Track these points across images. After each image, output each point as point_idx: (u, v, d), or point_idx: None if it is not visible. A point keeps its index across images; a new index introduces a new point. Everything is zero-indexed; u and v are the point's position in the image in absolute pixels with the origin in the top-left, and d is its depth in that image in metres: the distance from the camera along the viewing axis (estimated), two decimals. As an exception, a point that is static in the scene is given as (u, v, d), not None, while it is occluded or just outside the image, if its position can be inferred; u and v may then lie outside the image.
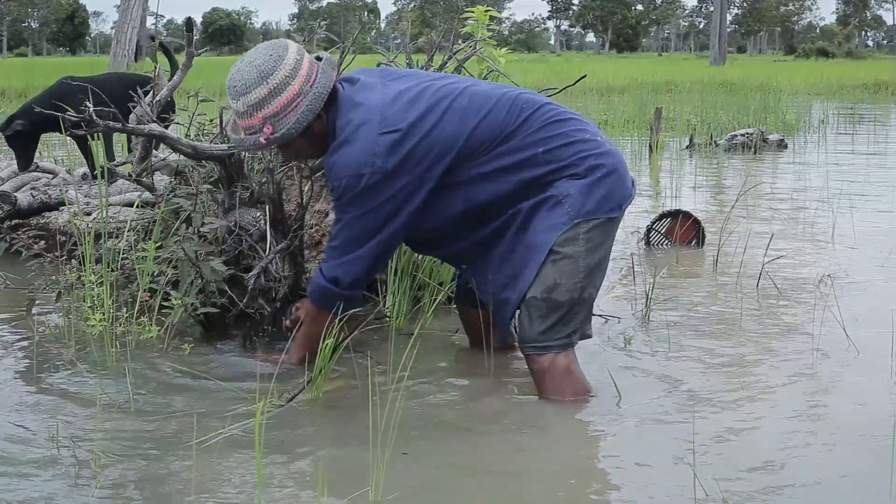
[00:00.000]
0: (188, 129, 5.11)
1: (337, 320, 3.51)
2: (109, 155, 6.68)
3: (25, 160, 6.45)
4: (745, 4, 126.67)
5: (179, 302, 4.13)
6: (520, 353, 3.91)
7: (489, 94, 3.58)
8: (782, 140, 13.41)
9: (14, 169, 6.75)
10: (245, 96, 3.42)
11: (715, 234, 6.51)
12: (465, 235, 3.72)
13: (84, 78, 6.71)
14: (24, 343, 4.35)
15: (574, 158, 3.57)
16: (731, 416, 3.53)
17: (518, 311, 3.65)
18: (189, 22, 4.99)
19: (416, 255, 4.53)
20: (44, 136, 6.99)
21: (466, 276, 4.01)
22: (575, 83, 5.70)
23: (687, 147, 12.85)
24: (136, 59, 33.55)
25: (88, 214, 5.55)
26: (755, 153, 12.57)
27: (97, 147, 6.52)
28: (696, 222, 6.60)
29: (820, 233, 7.00)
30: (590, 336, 3.79)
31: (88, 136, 5.61)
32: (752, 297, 5.16)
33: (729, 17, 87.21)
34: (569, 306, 3.58)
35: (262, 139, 3.48)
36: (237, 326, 4.24)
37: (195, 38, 5.13)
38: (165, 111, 6.14)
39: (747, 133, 13.22)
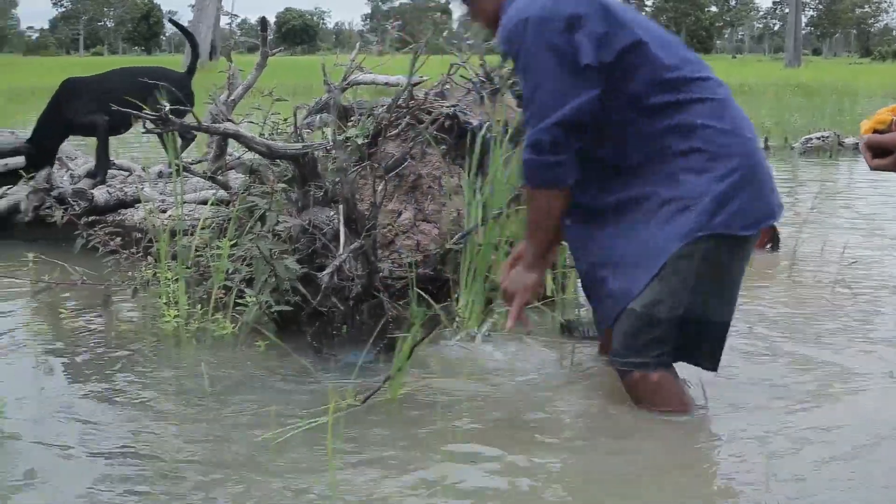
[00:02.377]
0: (262, 128, 5.14)
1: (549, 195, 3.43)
2: (102, 158, 6.75)
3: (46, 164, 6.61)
4: (820, 6, 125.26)
5: (253, 300, 4.15)
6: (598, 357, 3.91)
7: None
8: (859, 144, 13.23)
9: (89, 167, 6.83)
10: None
11: (790, 238, 6.44)
12: (591, 188, 3.51)
13: (87, 77, 6.83)
14: (101, 338, 4.40)
15: (722, 150, 3.36)
16: (807, 419, 3.49)
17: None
18: (263, 22, 5.04)
19: (489, 255, 4.51)
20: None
21: None
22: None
23: (762, 150, 12.71)
24: (210, 59, 33.86)
25: (164, 212, 5.60)
26: (831, 157, 12.43)
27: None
28: (772, 226, 6.53)
29: (897, 238, 6.91)
30: (709, 369, 3.56)
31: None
32: (828, 302, 5.10)
33: (804, 19, 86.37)
34: (667, 325, 3.37)
35: None
36: (310, 324, 4.26)
37: (269, 37, 5.17)
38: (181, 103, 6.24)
39: (823, 136, 13.06)
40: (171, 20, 8.20)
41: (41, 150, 6.70)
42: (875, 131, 2.51)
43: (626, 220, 3.44)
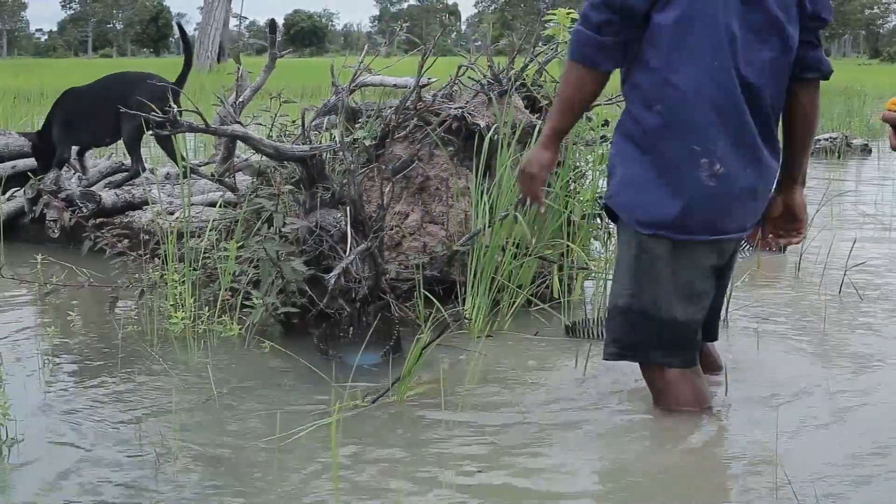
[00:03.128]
0: (270, 130, 5.14)
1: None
2: (80, 163, 6.76)
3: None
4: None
5: (260, 301, 4.16)
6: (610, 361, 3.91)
7: None
8: (866, 145, 13.22)
9: (100, 169, 6.85)
10: None
11: (797, 240, 6.43)
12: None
13: (86, 86, 6.87)
14: (108, 340, 4.40)
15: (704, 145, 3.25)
16: (813, 419, 3.49)
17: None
18: (272, 24, 5.03)
19: (496, 257, 4.52)
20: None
21: None
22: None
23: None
24: (218, 61, 33.90)
25: (171, 214, 5.61)
26: (839, 158, 12.41)
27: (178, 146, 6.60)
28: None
29: (905, 239, 6.90)
30: (690, 366, 3.49)
31: (172, 136, 5.69)
32: (834, 303, 5.09)
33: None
34: (613, 313, 3.44)
35: None
36: (317, 326, 4.26)
37: (277, 39, 5.17)
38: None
39: (831, 137, 13.05)
40: (178, 24, 8.19)
41: (46, 147, 6.73)
42: None
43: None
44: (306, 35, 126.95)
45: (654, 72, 3.25)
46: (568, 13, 5.53)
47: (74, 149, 6.94)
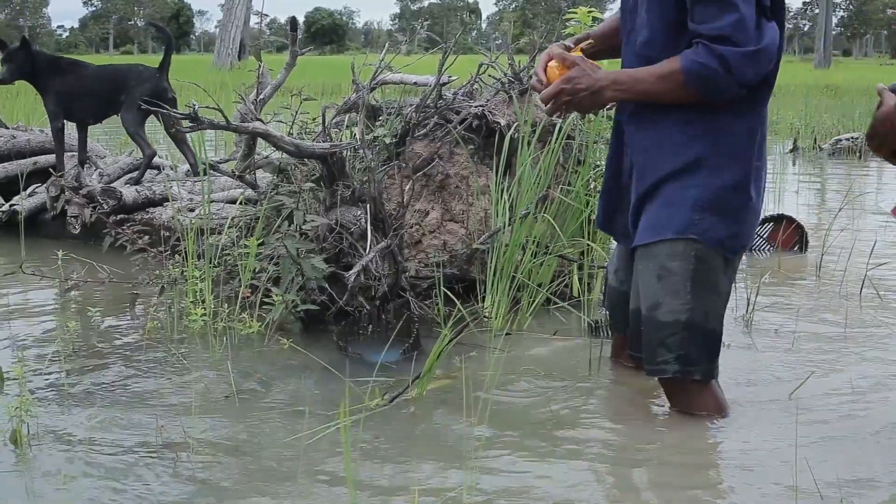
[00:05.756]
0: (291, 127, 5.15)
1: None
2: (59, 160, 6.78)
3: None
4: (850, 7, 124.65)
5: (280, 298, 4.16)
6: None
7: None
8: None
9: (121, 165, 6.87)
10: None
11: (818, 240, 6.42)
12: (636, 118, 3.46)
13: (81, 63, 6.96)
14: (127, 336, 4.41)
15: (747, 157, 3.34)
16: (835, 419, 3.48)
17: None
18: (293, 21, 5.04)
19: (516, 255, 4.51)
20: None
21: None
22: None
23: (790, 151, 12.67)
24: (239, 58, 33.97)
25: (192, 210, 5.61)
26: (860, 158, 12.36)
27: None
28: (800, 227, 6.51)
29: (927, 240, 6.86)
30: (714, 377, 3.47)
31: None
32: (855, 304, 5.07)
33: (834, 20, 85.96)
34: (672, 329, 3.35)
35: None
36: (336, 323, 4.26)
37: (298, 37, 5.18)
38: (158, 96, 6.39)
39: (852, 137, 13.00)
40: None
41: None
42: None
43: (673, 153, 3.36)
44: (327, 33, 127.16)
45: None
46: (589, 11, 5.52)
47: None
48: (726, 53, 3.11)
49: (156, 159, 6.90)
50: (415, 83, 5.97)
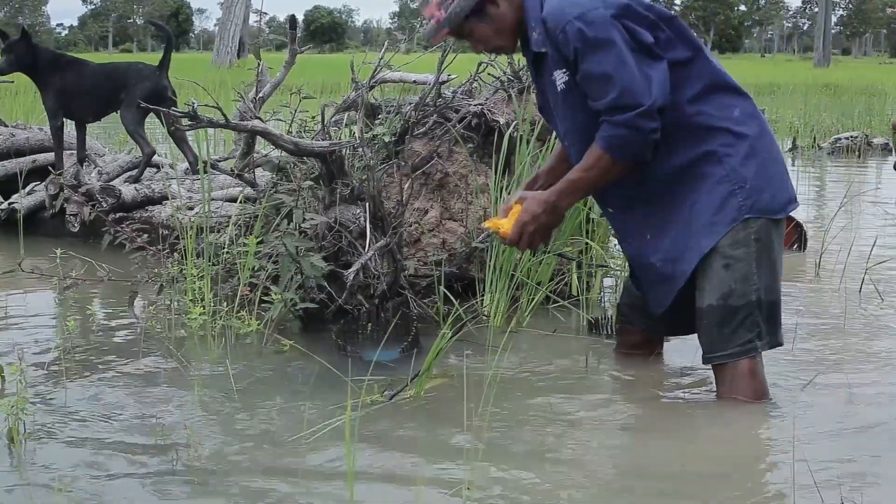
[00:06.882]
0: (290, 125, 5.14)
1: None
2: (58, 158, 6.78)
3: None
4: (850, 6, 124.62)
5: (279, 297, 4.16)
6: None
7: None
8: (887, 144, 13.17)
9: (120, 164, 6.86)
10: None
11: (817, 239, 6.41)
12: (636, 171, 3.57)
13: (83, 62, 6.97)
14: (126, 335, 4.41)
15: (755, 131, 3.54)
16: (833, 417, 3.48)
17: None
18: (292, 20, 5.04)
19: (515, 254, 4.51)
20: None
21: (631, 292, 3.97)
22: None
23: (790, 150, 12.67)
24: (238, 56, 33.95)
25: (191, 209, 5.61)
26: (859, 157, 12.36)
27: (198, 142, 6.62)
28: (798, 226, 6.50)
29: (926, 239, 6.86)
30: (781, 344, 3.65)
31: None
32: (854, 302, 5.07)
33: (833, 19, 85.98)
34: (747, 311, 3.48)
35: (434, 22, 3.55)
36: (335, 322, 4.26)
37: (298, 35, 5.18)
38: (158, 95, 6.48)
39: (851, 136, 13.02)
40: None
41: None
42: None
43: (671, 200, 3.55)
44: (326, 31, 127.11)
45: (708, 101, 3.50)
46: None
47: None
48: (625, 120, 3.35)
49: (155, 157, 6.89)
50: (414, 82, 5.98)
